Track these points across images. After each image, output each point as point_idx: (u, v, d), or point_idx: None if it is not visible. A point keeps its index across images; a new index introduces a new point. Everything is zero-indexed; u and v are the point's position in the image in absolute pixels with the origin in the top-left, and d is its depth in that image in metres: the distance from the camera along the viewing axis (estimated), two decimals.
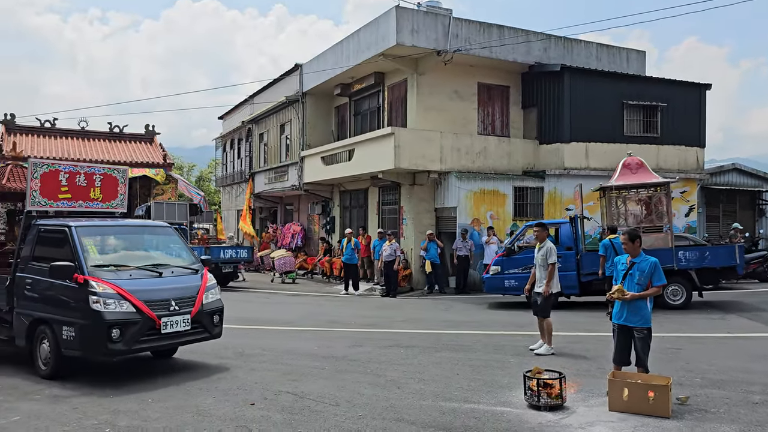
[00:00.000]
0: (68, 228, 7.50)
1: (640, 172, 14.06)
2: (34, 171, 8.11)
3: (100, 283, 6.93)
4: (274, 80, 27.16)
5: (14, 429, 5.54)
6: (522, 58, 19.75)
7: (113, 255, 7.78)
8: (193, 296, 7.52)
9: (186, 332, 7.36)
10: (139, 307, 6.92)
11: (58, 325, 7.02)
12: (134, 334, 6.88)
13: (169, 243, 8.50)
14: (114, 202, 9.00)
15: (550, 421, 5.68)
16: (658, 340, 9.55)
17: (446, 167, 18.43)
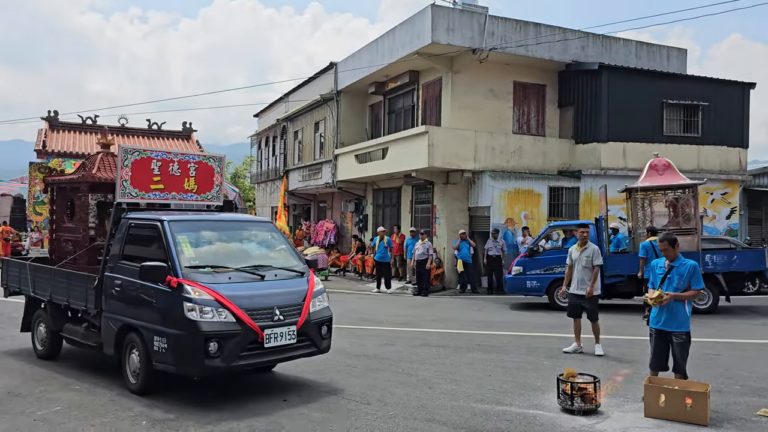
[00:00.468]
0: (160, 222, 6.65)
1: (667, 174, 13.81)
2: (124, 158, 7.32)
3: (195, 287, 6.04)
4: (309, 78, 27.32)
5: (55, 419, 5.69)
6: (559, 57, 19.48)
7: (210, 254, 6.85)
8: (299, 304, 6.50)
9: (291, 346, 6.34)
10: (239, 317, 5.98)
11: (149, 334, 6.18)
12: (234, 349, 5.93)
13: (270, 241, 7.55)
14: (209, 193, 8.17)
15: (583, 425, 5.60)
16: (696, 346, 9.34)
17: (480, 166, 18.30)
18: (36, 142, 30.32)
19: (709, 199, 20.03)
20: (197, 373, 6.11)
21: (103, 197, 8.52)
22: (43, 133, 30.74)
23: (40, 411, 5.93)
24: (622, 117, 19.15)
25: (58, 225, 8.94)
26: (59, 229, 8.90)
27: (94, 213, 8.41)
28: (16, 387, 6.80)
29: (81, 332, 7.52)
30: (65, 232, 8.71)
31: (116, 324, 6.69)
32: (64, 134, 31.78)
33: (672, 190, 13.74)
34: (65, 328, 7.88)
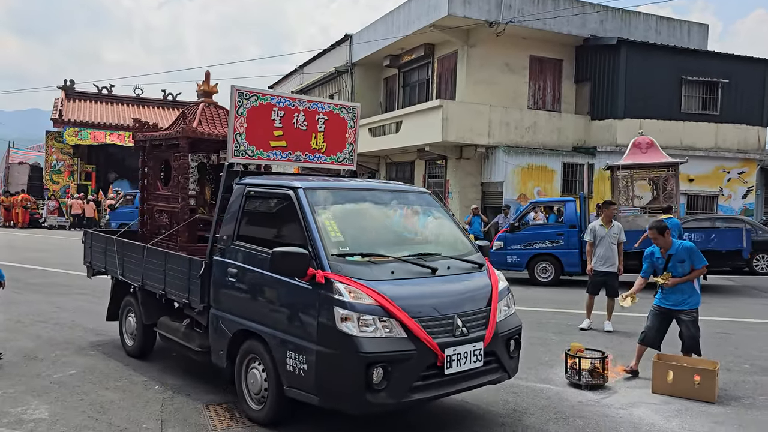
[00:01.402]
0: (294, 191, 4.86)
1: (650, 152, 13.88)
2: (239, 104, 5.48)
3: (350, 285, 4.23)
4: (324, 50, 27.16)
5: (71, 382, 5.82)
6: (577, 31, 19.20)
7: (361, 238, 4.95)
8: (484, 310, 4.69)
9: (476, 371, 4.54)
10: (413, 331, 4.18)
11: (280, 347, 4.50)
12: (406, 377, 4.17)
13: (432, 218, 5.61)
14: (340, 155, 6.45)
15: (590, 400, 5.64)
16: (707, 324, 9.33)
17: (494, 141, 18.20)
18: (52, 112, 30.51)
19: (726, 178, 19.84)
20: (352, 410, 4.27)
21: (205, 158, 6.63)
22: (59, 102, 30.92)
23: (56, 374, 6.06)
24: (640, 93, 18.91)
25: (150, 192, 7.19)
26: (151, 198, 7.16)
27: (195, 178, 6.56)
28: (32, 350, 6.95)
29: (181, 331, 5.88)
30: (159, 201, 6.95)
31: (230, 327, 5.02)
32: (80, 103, 31.94)
33: (654, 169, 13.81)
34: (161, 323, 6.26)
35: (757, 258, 15.40)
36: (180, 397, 5.45)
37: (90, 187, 30.98)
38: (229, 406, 5.20)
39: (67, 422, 4.81)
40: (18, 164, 35.91)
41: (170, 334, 6.04)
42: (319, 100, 6.22)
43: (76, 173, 31.41)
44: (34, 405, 5.18)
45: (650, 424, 5.03)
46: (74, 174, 31.36)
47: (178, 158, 6.46)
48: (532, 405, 5.46)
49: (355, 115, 6.49)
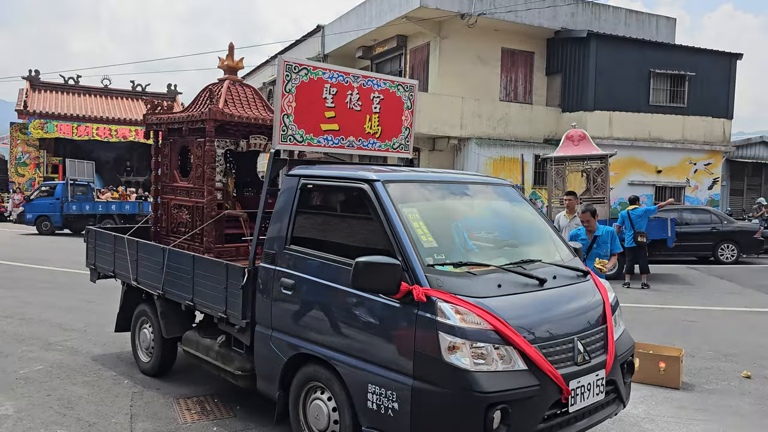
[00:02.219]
0: (370, 185, 3.92)
1: (582, 144, 14.12)
2: (287, 80, 4.53)
3: (458, 305, 3.35)
4: (296, 41, 26.98)
5: (38, 378, 5.72)
6: (548, 23, 19.37)
7: (454, 243, 4.07)
8: (600, 329, 3.88)
9: (599, 405, 3.75)
10: (535, 362, 3.35)
11: (357, 378, 3.65)
12: (529, 420, 3.35)
13: (522, 217, 4.76)
14: (396, 140, 5.54)
15: None
16: (673, 312, 9.56)
17: (466, 133, 18.30)
18: (17, 103, 29.78)
19: (692, 170, 20.25)
20: None
21: (232, 144, 5.80)
22: (24, 92, 30.19)
23: (22, 370, 5.94)
24: (609, 86, 19.18)
25: (166, 184, 6.26)
26: (167, 191, 6.23)
27: (222, 167, 5.77)
28: None
29: (215, 350, 4.91)
30: (177, 195, 6.04)
31: (285, 350, 4.16)
32: (46, 94, 31.25)
33: (586, 161, 14.18)
34: (187, 339, 5.30)
35: (722, 248, 15.77)
36: (150, 391, 5.40)
37: (57, 180, 30.37)
38: (200, 400, 5.18)
39: (34, 418, 4.73)
40: None
41: (201, 353, 5.04)
42: (374, 76, 5.24)
43: (43, 166, 30.74)
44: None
45: None
46: (40, 166, 30.69)
47: (202, 145, 5.54)
48: None
49: (413, 94, 5.57)
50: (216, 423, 4.69)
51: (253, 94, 6.11)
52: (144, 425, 4.63)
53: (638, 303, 10.21)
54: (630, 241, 11.64)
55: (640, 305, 10.03)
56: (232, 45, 6.30)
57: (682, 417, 5.04)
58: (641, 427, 4.81)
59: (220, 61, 6.13)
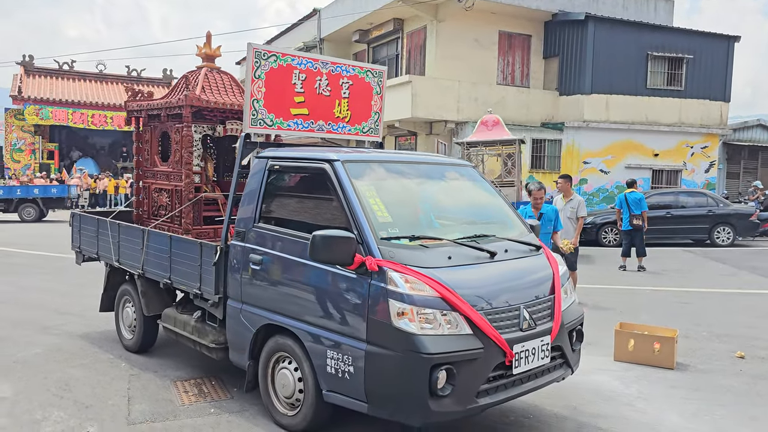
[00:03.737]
0: (330, 164, 4.21)
1: (495, 129, 14.43)
2: (257, 65, 4.77)
3: (407, 274, 3.64)
4: (292, 25, 26.79)
5: (35, 362, 5.75)
6: (546, 6, 19.25)
7: (410, 218, 4.38)
8: (548, 299, 4.17)
9: (543, 369, 4.03)
10: (479, 326, 3.64)
11: (318, 345, 3.94)
12: (473, 380, 3.63)
13: (479, 195, 5.04)
14: (366, 124, 5.76)
15: None
16: (667, 294, 9.61)
17: (463, 117, 18.24)
18: (11, 88, 29.59)
19: (689, 153, 20.26)
20: (412, 420, 3.63)
21: (210, 129, 5.99)
22: (18, 78, 30.00)
23: (20, 354, 5.97)
24: (607, 69, 19.11)
25: (147, 169, 6.48)
26: (148, 175, 6.46)
27: (200, 152, 5.97)
28: None
29: (192, 324, 5.17)
30: (157, 179, 6.27)
31: (254, 321, 4.42)
32: (40, 80, 31.05)
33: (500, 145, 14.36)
34: (166, 316, 5.56)
35: (718, 230, 15.82)
36: (147, 374, 5.42)
37: (53, 166, 30.25)
38: (197, 382, 5.20)
39: (31, 400, 4.76)
40: None
41: (178, 328, 5.32)
42: (343, 62, 5.49)
43: (38, 152, 30.63)
44: None
45: (610, 391, 5.18)
46: (36, 152, 30.57)
47: (180, 130, 5.76)
48: None
49: (381, 80, 5.82)
50: (213, 405, 4.71)
51: (230, 81, 6.29)
52: (141, 407, 4.65)
53: (634, 285, 10.26)
54: (626, 224, 11.67)
55: (636, 287, 10.09)
56: (209, 33, 6.48)
57: (675, 396, 5.09)
58: (635, 406, 4.85)
59: (198, 49, 6.29)
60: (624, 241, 12.04)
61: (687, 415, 4.68)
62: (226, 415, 4.52)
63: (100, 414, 4.53)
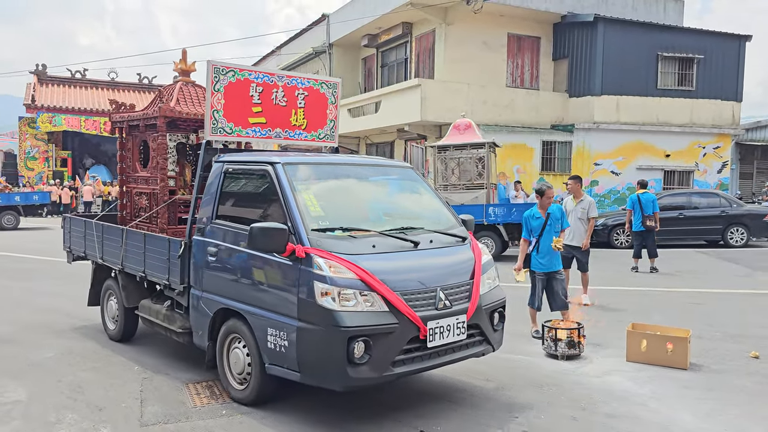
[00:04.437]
0: (272, 167, 4.79)
1: (467, 133, 14.72)
2: (216, 80, 5.33)
3: (330, 260, 4.18)
4: (301, 31, 26.91)
5: (48, 365, 5.80)
6: (555, 8, 19.22)
7: (343, 212, 4.91)
8: (466, 283, 4.68)
9: (460, 344, 4.55)
10: (394, 305, 4.16)
11: (261, 324, 4.46)
12: (388, 351, 4.15)
13: (415, 193, 5.63)
14: (322, 131, 6.31)
15: (566, 369, 5.74)
16: (680, 295, 9.54)
17: (472, 120, 18.21)
18: (25, 97, 29.91)
19: (701, 153, 20.12)
20: (335, 386, 4.17)
21: (184, 138, 6.54)
22: (31, 87, 30.31)
23: (33, 357, 6.02)
24: (617, 70, 19.04)
25: (129, 174, 7.05)
26: (130, 180, 7.03)
27: (174, 158, 6.49)
28: (8, 334, 6.90)
29: (163, 313, 5.78)
30: (138, 183, 6.83)
31: (211, 306, 4.95)
32: (53, 88, 31.36)
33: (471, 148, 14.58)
34: (142, 306, 6.15)
35: (732, 231, 15.67)
36: (159, 376, 5.45)
37: (66, 174, 30.54)
38: (209, 384, 5.22)
39: (45, 403, 4.80)
40: None
41: (151, 317, 5.92)
42: (299, 75, 6.05)
43: (51, 159, 30.93)
44: (12, 387, 5.16)
45: (623, 391, 5.14)
46: (49, 160, 30.88)
47: (156, 138, 6.31)
48: (508, 374, 5.55)
49: (336, 90, 6.38)
50: (225, 406, 4.73)
51: (203, 93, 6.56)
52: (154, 409, 4.68)
53: (646, 286, 10.19)
54: (639, 225, 11.59)
55: (648, 288, 10.01)
56: (185, 51, 7.09)
57: (689, 396, 5.04)
58: (648, 406, 4.81)
59: (174, 65, 6.91)
60: (635, 242, 11.95)
61: (701, 415, 4.64)
62: (238, 417, 4.53)
63: (113, 416, 4.56)
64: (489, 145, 14.39)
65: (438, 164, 15.00)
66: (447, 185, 14.86)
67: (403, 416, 4.56)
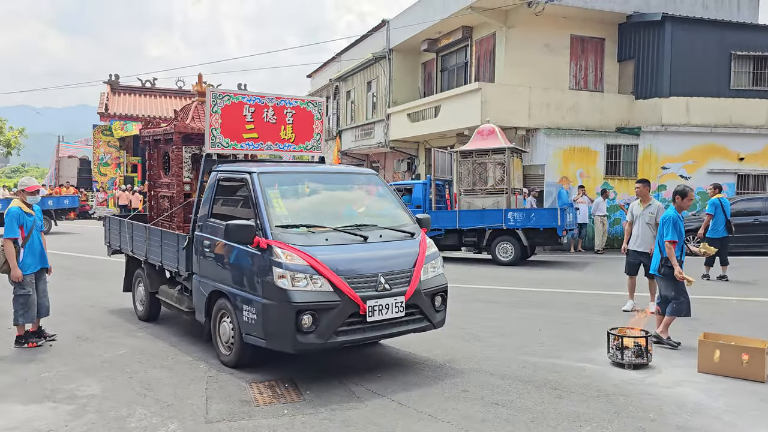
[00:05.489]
0: (249, 175, 5.81)
1: (490, 138, 14.93)
2: (213, 104, 6.44)
3: (286, 250, 5.16)
4: (361, 37, 27.15)
5: (120, 362, 6.03)
6: (620, 8, 18.69)
7: (306, 212, 5.90)
8: (408, 270, 5.54)
9: (398, 320, 5.42)
10: (338, 286, 5.10)
11: (239, 302, 5.48)
12: (331, 323, 5.08)
13: (376, 196, 6.58)
14: (309, 143, 7.28)
15: (633, 378, 5.55)
16: (755, 305, 9.09)
17: (534, 124, 17.93)
18: (99, 106, 31.30)
19: None
20: (288, 349, 5.14)
21: (197, 149, 7.59)
22: (105, 96, 31.72)
23: (107, 354, 6.29)
24: (686, 70, 18.34)
25: (155, 181, 8.34)
26: (155, 186, 8.31)
27: (189, 167, 7.60)
28: (84, 333, 7.22)
29: (175, 296, 7.06)
30: (161, 188, 8.11)
31: (206, 288, 6.06)
32: (125, 97, 32.72)
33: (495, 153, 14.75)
34: (161, 291, 7.47)
35: None
36: (224, 375, 5.59)
37: (136, 179, 31.80)
38: (271, 384, 5.31)
39: (117, 398, 4.99)
40: (68, 158, 37.09)
41: (167, 299, 7.23)
42: (287, 96, 7.15)
43: (123, 165, 32.26)
44: (87, 382, 5.39)
45: (695, 403, 4.93)
46: (121, 166, 32.22)
47: (173, 150, 7.58)
48: (573, 383, 5.40)
49: (321, 109, 7.41)
50: (287, 406, 4.80)
51: None
52: (219, 407, 4.79)
53: (719, 295, 9.75)
54: (723, 230, 11.08)
55: (721, 297, 9.58)
56: (200, 75, 8.39)
57: (766, 410, 4.78)
58: (723, 419, 4.59)
59: (192, 87, 8.22)
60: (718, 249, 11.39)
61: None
62: (300, 417, 4.58)
63: (180, 412, 4.69)
64: (510, 151, 14.45)
65: (461, 169, 15.23)
66: (470, 190, 15.08)
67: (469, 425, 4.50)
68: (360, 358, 6.17)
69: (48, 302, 6.87)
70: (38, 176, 53.71)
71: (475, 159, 14.98)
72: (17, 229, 6.46)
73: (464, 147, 15.45)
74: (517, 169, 15.32)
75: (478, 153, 14.88)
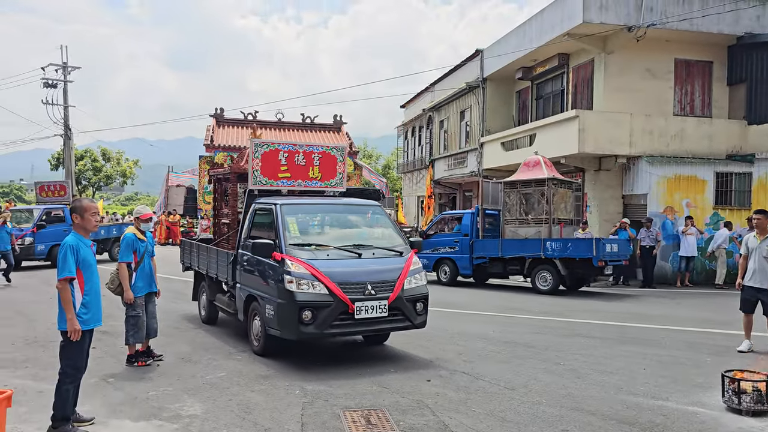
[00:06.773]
0: (275, 206, 7.52)
1: (535, 170, 15.33)
2: (255, 151, 8.22)
3: (295, 262, 6.77)
4: (454, 67, 27.26)
5: (221, 384, 6.24)
6: (729, 29, 17.74)
7: (315, 234, 7.62)
8: (392, 280, 6.97)
9: (382, 319, 6.84)
10: (332, 290, 6.61)
11: (263, 303, 7.11)
12: (326, 318, 6.58)
13: (376, 223, 8.17)
14: (332, 180, 8.84)
15: (753, 427, 5.10)
16: None
17: (636, 151, 17.23)
18: (205, 138, 33.10)
19: None
20: (294, 337, 6.75)
21: None
22: (210, 129, 33.51)
23: (208, 376, 6.53)
24: None
25: (218, 211, 10.57)
26: (218, 215, 10.54)
27: (242, 200, 9.06)
28: (187, 354, 7.54)
29: (225, 301, 8.78)
30: (222, 217, 10.19)
31: (244, 293, 7.74)
32: (228, 129, 34.45)
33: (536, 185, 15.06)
34: (217, 298, 9.19)
35: None
36: (319, 401, 5.64)
37: None
38: (365, 414, 5.30)
39: (218, 420, 5.15)
40: (176, 186, 39.33)
41: (221, 305, 8.97)
42: (315, 144, 8.87)
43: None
44: (189, 402, 5.61)
45: None
46: None
47: (230, 186, 9.69)
48: (683, 428, 5.04)
49: (343, 153, 8.95)
50: None
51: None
52: None
53: None
54: None
55: None
56: (255, 126, 10.59)
57: None
58: None
59: (249, 134, 9.60)
60: None
61: None
62: None
63: None
64: (551, 181, 14.82)
65: (507, 199, 15.56)
66: (514, 219, 15.41)
67: None
68: (453, 388, 6.06)
69: (156, 324, 7.27)
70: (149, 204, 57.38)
71: (520, 189, 15.44)
72: (131, 254, 6.92)
73: (509, 178, 15.99)
74: (564, 199, 15.48)
75: (523, 183, 15.38)
